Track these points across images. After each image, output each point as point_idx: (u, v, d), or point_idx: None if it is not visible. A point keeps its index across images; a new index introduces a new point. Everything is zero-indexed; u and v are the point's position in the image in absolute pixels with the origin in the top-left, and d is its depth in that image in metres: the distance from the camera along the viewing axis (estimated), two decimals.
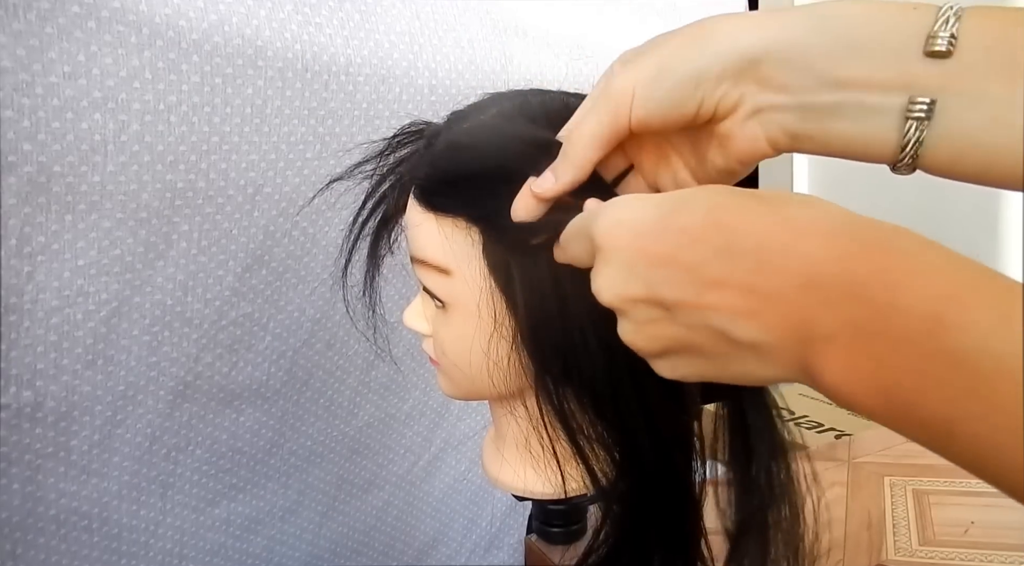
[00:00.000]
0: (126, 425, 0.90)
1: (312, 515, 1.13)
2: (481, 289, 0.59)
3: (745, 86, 0.47)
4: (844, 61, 0.44)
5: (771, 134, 0.47)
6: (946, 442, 0.33)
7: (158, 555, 0.98)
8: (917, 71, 0.42)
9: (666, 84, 0.48)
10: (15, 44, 0.71)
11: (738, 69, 0.46)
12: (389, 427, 1.18)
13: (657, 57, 0.48)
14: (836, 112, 0.45)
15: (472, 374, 0.63)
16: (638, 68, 0.49)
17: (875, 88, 0.43)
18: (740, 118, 0.48)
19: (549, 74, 1.10)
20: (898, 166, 0.45)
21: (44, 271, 0.79)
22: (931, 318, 0.33)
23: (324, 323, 1.04)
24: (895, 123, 0.43)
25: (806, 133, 0.46)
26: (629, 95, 0.48)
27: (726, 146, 0.49)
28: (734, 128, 0.48)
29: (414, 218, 0.62)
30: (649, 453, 0.58)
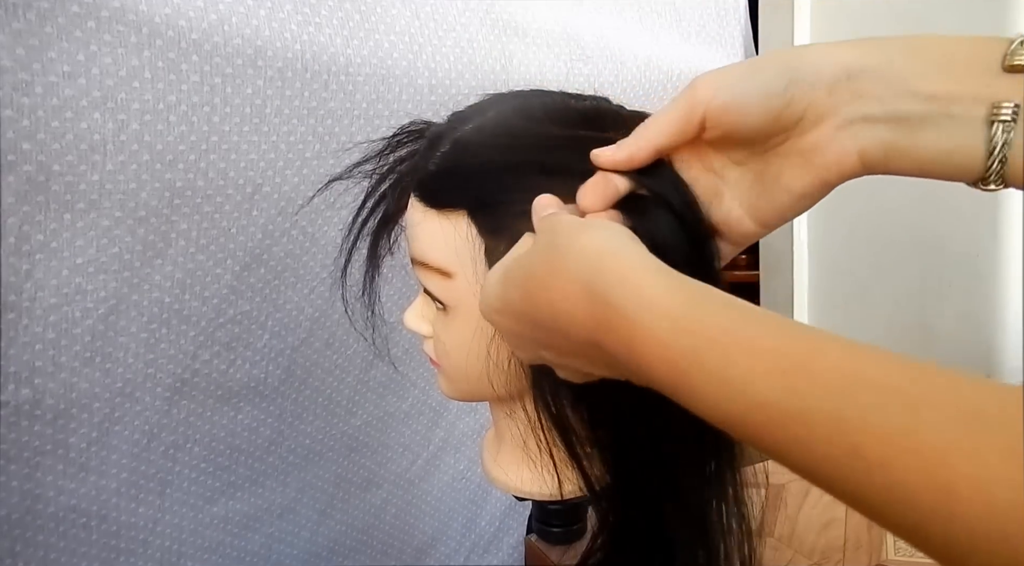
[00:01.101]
0: (124, 422, 0.91)
1: (310, 513, 1.13)
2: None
3: (839, 96, 0.47)
4: (933, 77, 0.46)
5: (863, 146, 0.47)
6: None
7: (156, 552, 0.98)
8: (1000, 84, 0.44)
9: (758, 81, 0.48)
10: (15, 43, 0.71)
11: (833, 79, 0.47)
12: (388, 425, 1.18)
13: (749, 64, 0.49)
14: (926, 123, 0.46)
15: (472, 376, 0.63)
16: (727, 70, 0.50)
17: (962, 100, 0.45)
18: (831, 129, 0.48)
19: (549, 74, 1.10)
20: (987, 177, 0.45)
21: (43, 269, 0.79)
22: (670, 385, 0.38)
23: (322, 322, 1.04)
24: (981, 131, 0.45)
25: (897, 146, 0.47)
26: (711, 89, 0.49)
27: (811, 162, 0.49)
28: (823, 140, 0.48)
29: (415, 218, 0.62)
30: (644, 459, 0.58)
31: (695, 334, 0.36)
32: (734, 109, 0.48)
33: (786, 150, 0.50)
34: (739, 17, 1.38)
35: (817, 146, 0.48)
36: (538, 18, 1.10)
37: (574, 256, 0.42)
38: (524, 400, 0.64)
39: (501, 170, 0.56)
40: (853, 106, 0.47)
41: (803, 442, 0.33)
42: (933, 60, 0.46)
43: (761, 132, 0.49)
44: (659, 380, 0.38)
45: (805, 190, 0.50)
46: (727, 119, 0.49)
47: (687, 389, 0.37)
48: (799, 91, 0.47)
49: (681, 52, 1.28)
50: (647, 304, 0.38)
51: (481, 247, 0.58)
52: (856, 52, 0.47)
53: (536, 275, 0.44)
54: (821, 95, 0.47)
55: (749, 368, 0.35)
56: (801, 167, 0.50)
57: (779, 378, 0.34)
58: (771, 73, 0.48)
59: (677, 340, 0.37)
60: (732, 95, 0.48)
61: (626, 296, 0.39)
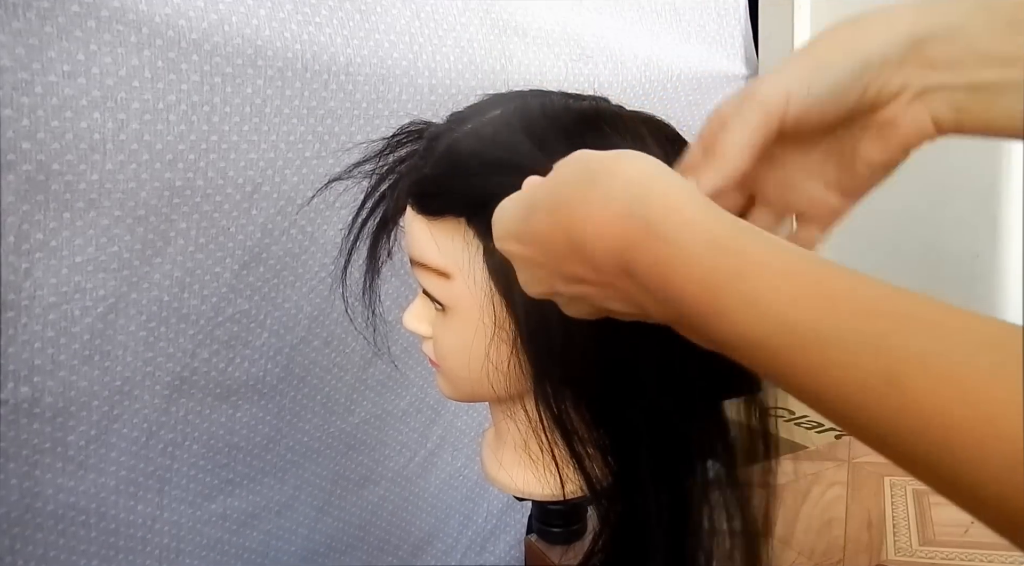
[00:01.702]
0: (123, 420, 0.91)
1: (308, 510, 1.14)
2: (482, 293, 0.59)
3: (909, 69, 0.46)
4: (1005, 38, 0.44)
5: (937, 114, 0.47)
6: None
7: (155, 549, 0.98)
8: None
9: (827, 76, 0.47)
10: (15, 43, 0.71)
11: (901, 53, 0.46)
12: (386, 423, 1.18)
13: (810, 58, 0.48)
14: (1001, 89, 0.44)
15: (472, 377, 0.63)
16: (789, 71, 0.48)
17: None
18: (904, 102, 0.47)
19: (549, 74, 1.10)
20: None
21: (42, 268, 0.79)
22: (698, 308, 0.37)
23: (321, 320, 1.04)
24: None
25: (972, 111, 0.46)
26: (782, 97, 0.47)
27: (887, 135, 0.48)
28: (898, 113, 0.47)
29: (414, 220, 0.62)
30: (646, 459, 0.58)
31: (731, 254, 0.36)
32: (811, 113, 0.47)
33: (861, 126, 0.49)
34: (739, 17, 1.38)
35: (893, 120, 0.48)
36: (538, 18, 1.10)
37: (619, 182, 0.41)
38: (524, 400, 0.64)
39: (498, 175, 0.56)
40: (924, 76, 0.46)
41: (835, 366, 0.32)
42: (1003, 17, 0.45)
43: (837, 124, 0.49)
44: (686, 300, 0.37)
45: (886, 160, 0.49)
46: (803, 120, 0.48)
47: (715, 310, 0.36)
48: (872, 74, 0.46)
49: (681, 52, 1.28)
50: (686, 223, 0.38)
51: (479, 249, 0.58)
52: (917, 17, 0.46)
53: (569, 200, 0.42)
54: (891, 73, 0.46)
55: (785, 290, 0.34)
56: (878, 140, 0.49)
57: (816, 301, 0.34)
58: (839, 66, 0.47)
59: (713, 259, 0.36)
60: (806, 102, 0.47)
61: (666, 215, 0.38)
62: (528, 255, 0.46)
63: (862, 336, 0.32)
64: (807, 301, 0.34)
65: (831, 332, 0.32)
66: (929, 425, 0.29)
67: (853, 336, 0.32)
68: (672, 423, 0.58)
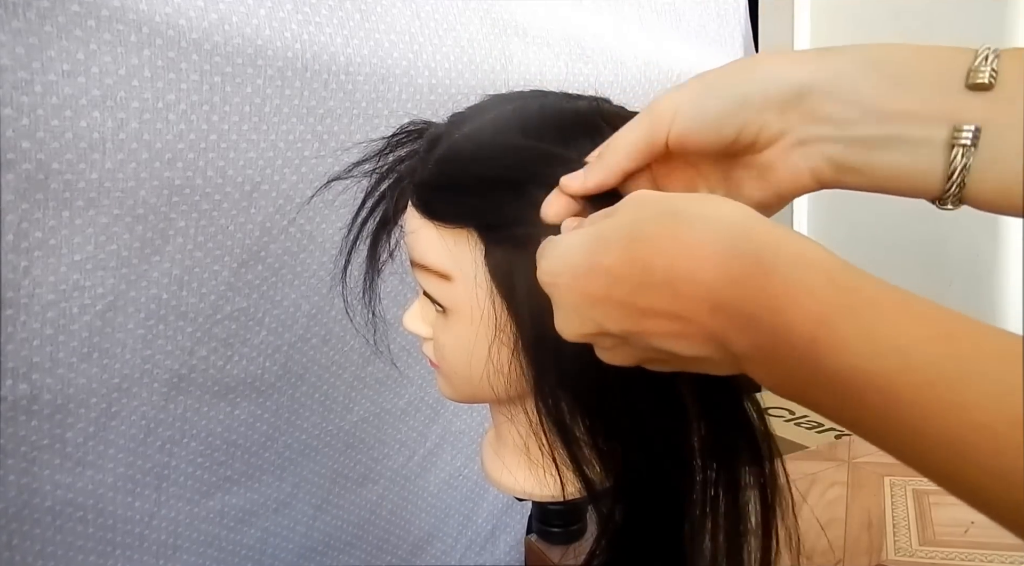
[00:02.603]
0: (121, 417, 0.91)
1: (306, 508, 1.14)
2: (483, 296, 0.59)
3: (790, 117, 0.47)
4: (890, 95, 0.45)
5: (815, 166, 0.47)
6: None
7: (152, 546, 0.98)
8: (961, 104, 0.43)
9: (709, 103, 0.48)
10: (14, 42, 0.71)
11: (783, 100, 0.47)
12: (385, 422, 1.19)
13: (703, 81, 0.49)
14: (882, 144, 0.45)
15: (472, 379, 0.63)
16: (684, 89, 0.50)
17: (920, 120, 0.44)
18: (783, 149, 0.48)
19: (549, 74, 1.10)
20: (944, 198, 0.45)
21: (41, 266, 0.79)
22: (808, 341, 0.36)
23: (320, 318, 1.04)
24: (941, 154, 0.44)
25: (851, 165, 0.47)
26: (670, 112, 0.49)
27: (766, 178, 0.49)
28: (776, 159, 0.48)
29: (414, 223, 0.61)
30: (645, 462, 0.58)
31: (847, 290, 0.36)
32: (692, 135, 0.49)
33: (745, 163, 0.50)
34: (739, 17, 1.38)
35: (771, 164, 0.49)
36: (538, 18, 1.10)
37: (713, 223, 0.40)
38: (524, 402, 0.63)
39: (497, 180, 0.56)
40: (804, 127, 0.47)
41: (956, 408, 0.32)
42: (891, 74, 0.45)
43: (720, 151, 0.49)
44: (795, 334, 0.37)
45: (763, 201, 0.50)
46: (688, 141, 0.49)
47: (830, 344, 0.36)
48: (751, 112, 0.47)
49: (681, 52, 1.28)
50: (800, 257, 0.38)
51: (481, 252, 0.58)
52: (808, 67, 0.47)
53: (652, 236, 0.42)
54: (772, 117, 0.47)
55: (908, 329, 0.34)
56: (758, 180, 0.50)
57: (942, 342, 0.34)
58: (722, 97, 0.48)
59: (830, 293, 0.36)
60: (689, 123, 0.49)
61: (779, 254, 0.38)
62: (584, 289, 0.45)
63: (987, 380, 0.32)
64: (934, 343, 0.34)
65: (956, 375, 0.32)
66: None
67: (979, 380, 0.32)
68: (672, 426, 0.58)
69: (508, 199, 0.56)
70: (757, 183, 0.50)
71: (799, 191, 0.49)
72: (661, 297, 0.41)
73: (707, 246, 0.40)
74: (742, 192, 0.51)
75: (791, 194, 0.50)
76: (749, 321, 0.38)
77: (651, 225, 0.42)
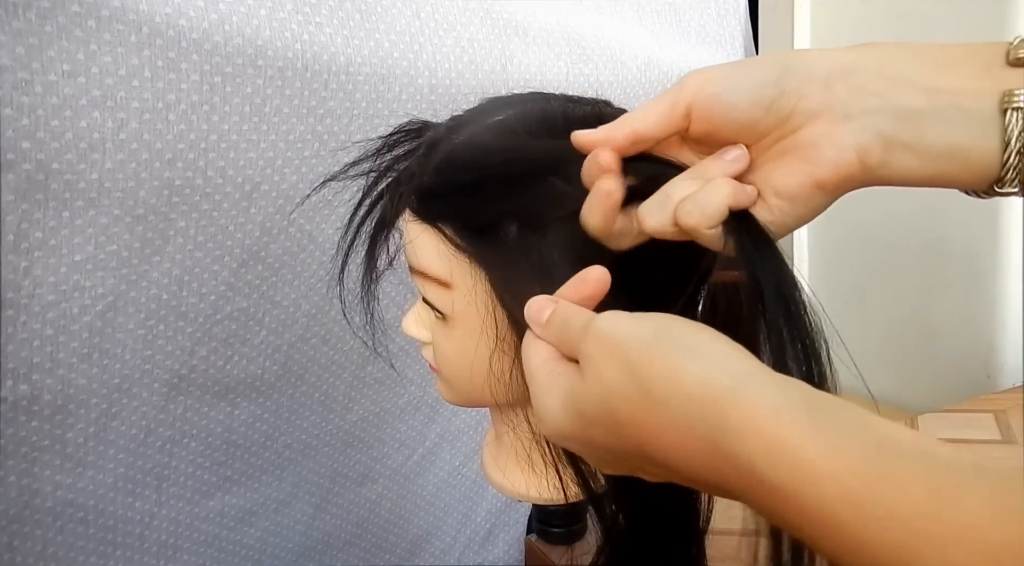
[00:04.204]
0: (121, 418, 0.91)
1: (306, 507, 1.14)
2: (483, 304, 0.58)
3: (836, 90, 0.44)
4: (936, 74, 0.43)
5: (862, 143, 0.44)
6: None
7: (153, 546, 0.99)
8: (1007, 76, 0.42)
9: (748, 68, 0.46)
10: (14, 42, 0.71)
11: (828, 74, 0.45)
12: (384, 421, 1.19)
13: (742, 59, 0.47)
14: (934, 117, 0.43)
15: (473, 385, 0.62)
16: (718, 65, 0.47)
17: (970, 93, 0.42)
18: (826, 124, 0.44)
19: (549, 74, 1.10)
20: (1004, 176, 0.42)
21: (41, 266, 0.79)
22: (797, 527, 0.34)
23: (319, 318, 1.04)
24: (995, 123, 0.42)
25: (902, 141, 0.43)
26: (699, 79, 0.47)
27: (804, 161, 0.45)
28: (818, 136, 0.45)
29: (413, 229, 0.61)
30: None
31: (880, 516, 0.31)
32: (723, 97, 0.46)
33: (777, 151, 0.47)
34: (739, 17, 1.38)
35: (811, 142, 0.45)
36: (538, 18, 1.10)
37: (681, 406, 0.37)
38: (525, 407, 0.63)
39: (496, 188, 0.56)
40: (851, 100, 0.44)
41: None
42: (933, 57, 0.44)
43: (749, 125, 0.46)
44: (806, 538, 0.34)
45: (798, 193, 0.46)
46: (715, 110, 0.46)
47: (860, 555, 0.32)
48: (792, 82, 0.45)
49: (681, 52, 1.28)
50: (807, 477, 0.32)
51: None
52: (852, 53, 0.45)
53: (630, 421, 0.39)
54: (816, 88, 0.44)
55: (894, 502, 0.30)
56: (793, 164, 0.46)
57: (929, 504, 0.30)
58: (763, 65, 0.46)
59: (857, 520, 0.31)
60: (721, 86, 0.46)
61: (776, 466, 0.33)
62: (593, 452, 0.44)
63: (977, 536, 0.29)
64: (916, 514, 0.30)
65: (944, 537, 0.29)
66: None
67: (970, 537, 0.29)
68: None
69: (504, 203, 0.55)
70: (792, 168, 0.46)
71: (840, 178, 0.45)
72: (658, 466, 0.40)
73: (686, 437, 0.37)
74: (773, 182, 0.47)
75: (831, 183, 0.45)
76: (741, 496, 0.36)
77: (625, 404, 0.39)
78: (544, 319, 0.47)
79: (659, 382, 0.38)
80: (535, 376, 0.46)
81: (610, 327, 0.42)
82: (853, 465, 0.32)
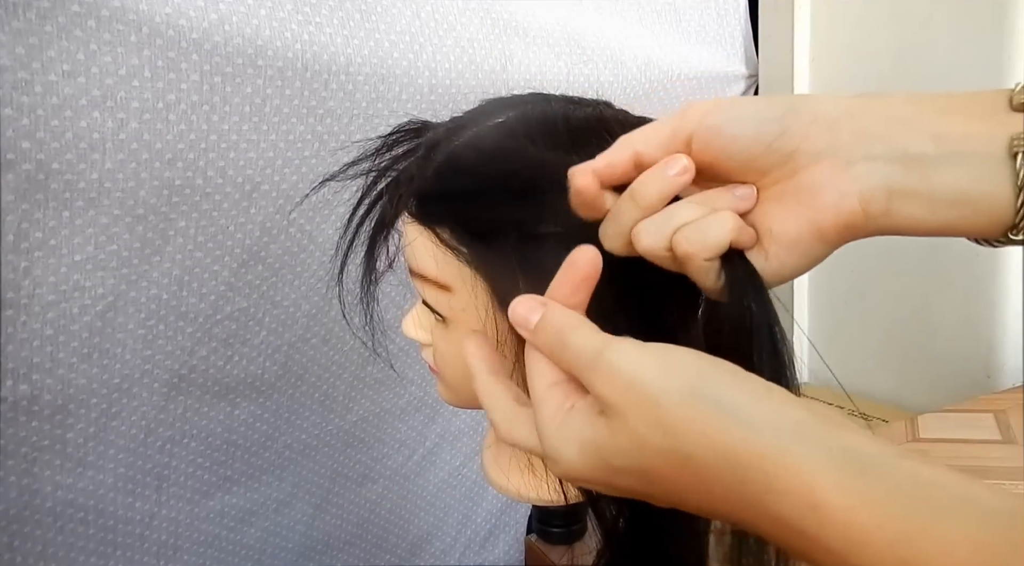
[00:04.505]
0: (121, 418, 0.91)
1: (306, 508, 1.14)
2: (483, 307, 0.58)
3: (840, 133, 0.43)
4: (942, 120, 0.43)
5: (866, 190, 0.43)
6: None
7: (153, 546, 0.99)
8: (1013, 120, 0.41)
9: (753, 104, 0.45)
10: (14, 42, 0.71)
11: (834, 117, 0.44)
12: (384, 421, 1.19)
13: (745, 97, 0.47)
14: (941, 162, 0.42)
15: (472, 387, 0.62)
16: (723, 98, 0.48)
17: (976, 138, 0.42)
18: (830, 169, 0.43)
19: (549, 74, 1.10)
20: (1018, 222, 0.41)
21: (41, 266, 0.79)
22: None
23: (320, 318, 1.04)
24: (1004, 166, 0.41)
25: (908, 189, 0.42)
26: (702, 109, 0.45)
27: (805, 204, 0.44)
28: (820, 181, 0.43)
29: (412, 233, 0.60)
30: None
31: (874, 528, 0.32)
32: (724, 129, 0.45)
33: (776, 192, 0.45)
34: (739, 17, 1.38)
35: (812, 186, 0.44)
36: (538, 18, 1.10)
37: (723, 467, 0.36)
38: None
39: (496, 194, 0.55)
40: (856, 144, 0.43)
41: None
42: (936, 104, 0.43)
43: (749, 160, 0.45)
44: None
45: (796, 237, 0.45)
46: (715, 142, 0.45)
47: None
48: (796, 122, 0.44)
49: (681, 52, 1.28)
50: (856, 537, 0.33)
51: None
52: (859, 99, 0.45)
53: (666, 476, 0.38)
54: (820, 129, 0.44)
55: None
56: (792, 209, 0.44)
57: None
58: (769, 102, 0.46)
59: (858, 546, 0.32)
60: (723, 117, 0.45)
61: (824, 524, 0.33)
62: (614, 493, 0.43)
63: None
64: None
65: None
66: None
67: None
68: None
69: (505, 209, 0.55)
70: (792, 212, 0.44)
71: (841, 226, 0.44)
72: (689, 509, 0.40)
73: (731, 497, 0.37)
74: (772, 224, 0.45)
75: (832, 230, 0.44)
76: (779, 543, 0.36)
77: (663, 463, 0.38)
78: (533, 324, 0.46)
79: (699, 444, 0.37)
80: (542, 405, 0.44)
81: (634, 373, 0.40)
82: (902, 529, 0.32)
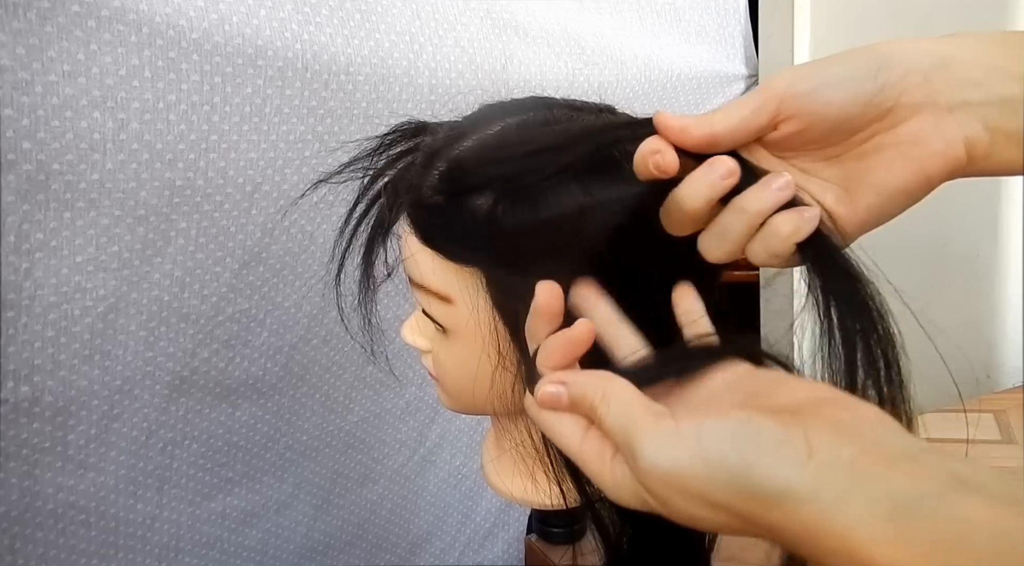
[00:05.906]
0: (123, 420, 0.91)
1: (307, 509, 1.14)
2: (484, 321, 0.57)
3: (936, 83, 0.44)
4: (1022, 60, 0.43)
5: (971, 134, 0.43)
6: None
7: (155, 548, 0.98)
8: None
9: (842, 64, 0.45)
10: (15, 42, 0.71)
11: (927, 67, 0.44)
12: (384, 422, 1.18)
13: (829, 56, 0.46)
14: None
15: (474, 397, 0.62)
16: (805, 63, 0.46)
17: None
18: (932, 117, 0.44)
19: (550, 74, 1.10)
20: None
21: (42, 267, 0.79)
22: None
23: (320, 319, 1.04)
24: None
25: (1008, 129, 0.43)
26: (787, 79, 0.45)
27: (909, 154, 0.44)
28: (925, 130, 0.44)
29: (413, 244, 0.60)
30: None
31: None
32: (816, 94, 0.45)
33: (874, 146, 0.46)
34: (739, 17, 1.38)
35: (917, 137, 0.44)
36: (538, 18, 1.10)
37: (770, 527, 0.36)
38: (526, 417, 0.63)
39: (499, 204, 0.54)
40: (953, 92, 0.43)
41: None
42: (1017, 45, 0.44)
43: (843, 121, 0.45)
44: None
45: (902, 185, 0.45)
46: (807, 108, 0.45)
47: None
48: (892, 76, 0.44)
49: (681, 52, 1.28)
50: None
51: (482, 277, 0.57)
52: (946, 44, 0.45)
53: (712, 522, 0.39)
54: (916, 81, 0.44)
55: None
56: (896, 161, 0.45)
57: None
58: (859, 60, 0.45)
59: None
60: (813, 82, 0.45)
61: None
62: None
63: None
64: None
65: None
66: None
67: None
68: None
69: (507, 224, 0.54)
70: (896, 163, 0.45)
71: (949, 169, 0.44)
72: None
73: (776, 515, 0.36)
74: (873, 178, 0.46)
75: (939, 174, 0.45)
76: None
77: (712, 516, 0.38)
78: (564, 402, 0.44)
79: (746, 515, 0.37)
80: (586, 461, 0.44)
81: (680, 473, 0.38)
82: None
